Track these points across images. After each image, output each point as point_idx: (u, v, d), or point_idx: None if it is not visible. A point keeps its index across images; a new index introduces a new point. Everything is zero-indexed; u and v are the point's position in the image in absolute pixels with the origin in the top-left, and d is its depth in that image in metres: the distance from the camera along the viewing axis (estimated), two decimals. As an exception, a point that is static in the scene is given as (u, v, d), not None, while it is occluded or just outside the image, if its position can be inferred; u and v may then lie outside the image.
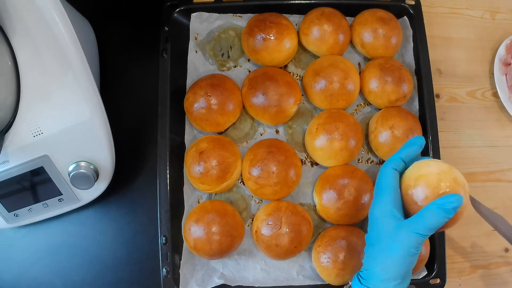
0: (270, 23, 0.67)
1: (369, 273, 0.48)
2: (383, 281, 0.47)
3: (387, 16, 0.70)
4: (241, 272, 0.66)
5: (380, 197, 0.48)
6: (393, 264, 0.46)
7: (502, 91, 0.76)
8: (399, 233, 0.46)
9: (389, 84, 0.67)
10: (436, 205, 0.44)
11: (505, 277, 0.72)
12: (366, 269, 0.49)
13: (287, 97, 0.65)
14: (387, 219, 0.47)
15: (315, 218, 0.68)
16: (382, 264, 0.47)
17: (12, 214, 0.63)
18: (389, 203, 0.47)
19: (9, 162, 0.57)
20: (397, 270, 0.46)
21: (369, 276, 0.48)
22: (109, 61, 0.72)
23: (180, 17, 0.70)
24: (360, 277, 0.50)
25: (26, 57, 0.53)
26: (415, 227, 0.45)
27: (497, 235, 0.72)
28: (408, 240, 0.45)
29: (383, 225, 0.47)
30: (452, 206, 0.43)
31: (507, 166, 0.76)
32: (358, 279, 0.50)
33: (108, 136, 0.59)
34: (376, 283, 0.47)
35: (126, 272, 0.67)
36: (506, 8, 0.82)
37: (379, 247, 0.48)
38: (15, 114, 0.55)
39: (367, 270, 0.49)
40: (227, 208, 0.64)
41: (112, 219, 0.69)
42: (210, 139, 0.66)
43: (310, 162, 0.70)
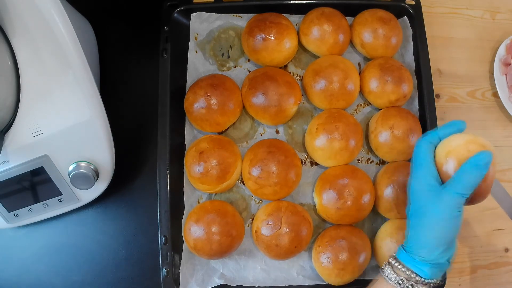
0: (270, 23, 0.67)
1: (414, 243, 0.49)
2: (427, 246, 0.48)
3: (387, 16, 0.70)
4: (241, 272, 0.66)
5: (418, 171, 0.50)
6: (438, 229, 0.47)
7: (502, 91, 0.76)
8: (440, 198, 0.47)
9: (389, 84, 0.67)
10: (468, 163, 0.46)
11: (505, 277, 0.72)
12: (411, 240, 0.50)
13: (287, 97, 0.65)
14: (427, 191, 0.48)
15: (315, 218, 0.68)
16: (427, 231, 0.48)
17: (12, 214, 0.63)
18: (428, 176, 0.49)
19: (9, 162, 0.57)
20: (442, 235, 0.48)
21: (414, 245, 0.49)
22: (109, 61, 0.72)
23: (180, 17, 0.70)
24: (405, 248, 0.50)
25: (26, 57, 0.53)
26: (454, 188, 0.46)
27: (497, 235, 0.73)
28: (449, 201, 0.46)
29: (424, 197, 0.49)
30: (483, 162, 0.46)
31: (507, 166, 0.76)
32: (403, 249, 0.51)
33: (108, 136, 0.59)
34: (422, 251, 0.48)
35: (126, 272, 0.67)
36: (506, 8, 0.82)
37: (422, 216, 0.49)
38: (15, 114, 0.55)
39: (412, 241, 0.50)
40: (227, 208, 0.64)
41: (112, 219, 0.69)
42: (210, 139, 0.66)
43: (310, 162, 0.70)
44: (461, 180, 0.46)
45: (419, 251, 0.48)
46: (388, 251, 0.63)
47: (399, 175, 0.64)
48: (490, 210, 0.73)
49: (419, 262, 0.48)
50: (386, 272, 0.50)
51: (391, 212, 0.65)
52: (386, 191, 0.65)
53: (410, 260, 0.49)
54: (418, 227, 0.49)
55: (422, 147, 0.51)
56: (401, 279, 0.48)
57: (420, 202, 0.49)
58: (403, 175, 0.64)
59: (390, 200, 0.64)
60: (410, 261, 0.49)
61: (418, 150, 0.51)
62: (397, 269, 0.49)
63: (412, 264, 0.49)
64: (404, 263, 0.49)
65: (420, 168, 0.50)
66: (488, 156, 0.46)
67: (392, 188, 0.64)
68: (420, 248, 0.49)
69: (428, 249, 0.48)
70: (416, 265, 0.48)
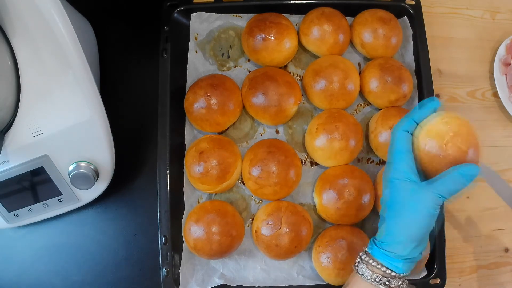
0: (270, 23, 0.67)
1: (388, 238, 0.48)
2: (402, 242, 0.47)
3: (387, 16, 0.70)
4: (241, 272, 0.66)
5: (395, 161, 0.49)
6: (413, 224, 0.47)
7: (502, 91, 0.76)
8: (420, 194, 0.47)
9: (389, 84, 0.67)
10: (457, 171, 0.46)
11: (505, 277, 0.72)
12: (384, 233, 0.49)
13: (287, 97, 0.65)
14: (404, 182, 0.48)
15: (315, 218, 0.68)
16: (402, 224, 0.47)
17: (12, 214, 0.63)
18: (405, 166, 0.48)
19: (9, 162, 0.57)
20: (416, 230, 0.47)
21: (388, 241, 0.48)
22: (109, 61, 0.72)
23: (180, 17, 0.70)
24: (376, 241, 0.50)
25: (26, 57, 0.53)
26: (438, 189, 0.46)
27: (497, 235, 0.73)
28: (429, 199, 0.46)
29: (401, 188, 0.48)
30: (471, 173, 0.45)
31: (507, 166, 0.76)
32: (375, 244, 0.50)
33: (108, 136, 0.59)
34: (394, 245, 0.48)
35: (126, 272, 0.67)
36: (506, 8, 0.82)
37: (398, 208, 0.48)
38: (15, 114, 0.55)
39: (384, 234, 0.49)
40: (227, 208, 0.64)
41: (112, 219, 0.69)
42: (210, 139, 0.66)
43: (310, 162, 0.70)
44: (446, 184, 0.46)
45: (393, 247, 0.48)
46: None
47: (399, 175, 0.64)
48: (490, 210, 0.73)
49: (392, 258, 0.48)
50: (361, 271, 0.49)
51: (391, 212, 0.65)
52: (386, 191, 0.65)
53: (383, 256, 0.48)
54: (394, 222, 0.48)
55: (398, 137, 0.49)
56: (377, 276, 0.48)
57: (396, 193, 0.48)
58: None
59: (390, 200, 0.64)
60: (383, 257, 0.48)
61: (395, 140, 0.50)
62: (372, 266, 0.48)
63: (386, 260, 0.48)
64: (378, 259, 0.48)
65: (399, 161, 0.49)
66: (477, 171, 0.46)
67: (392, 188, 0.64)
68: (394, 244, 0.48)
69: (402, 245, 0.47)
70: (390, 261, 0.48)
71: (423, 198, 0.46)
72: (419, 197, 0.47)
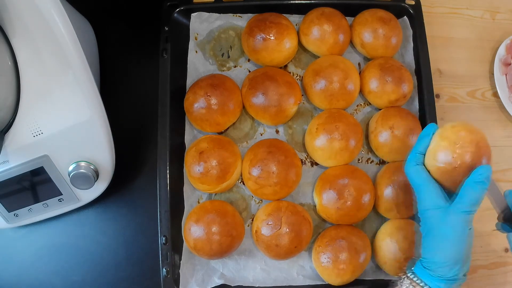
0: (270, 23, 0.67)
1: (431, 262, 0.50)
2: (447, 267, 0.48)
3: (387, 16, 0.70)
4: (241, 272, 0.66)
5: (420, 194, 0.51)
6: (452, 247, 0.48)
7: (502, 91, 0.76)
8: (448, 218, 0.48)
9: (389, 84, 0.67)
10: (469, 181, 0.48)
11: (505, 277, 0.72)
12: (427, 259, 0.50)
13: (287, 97, 0.65)
14: (433, 211, 0.49)
15: (315, 218, 0.68)
16: (441, 250, 0.49)
17: (12, 214, 0.63)
18: (429, 196, 0.50)
19: (9, 162, 0.57)
20: (456, 253, 0.48)
21: (431, 264, 0.50)
22: (109, 61, 0.72)
23: (180, 17, 0.70)
24: (423, 264, 0.51)
25: (26, 57, 0.53)
26: (460, 207, 0.48)
27: (497, 235, 0.73)
28: (458, 220, 0.48)
29: (430, 217, 0.50)
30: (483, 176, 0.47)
31: (507, 166, 0.76)
32: (421, 264, 0.51)
33: (108, 136, 0.59)
34: (440, 270, 0.49)
35: (126, 272, 0.67)
36: (506, 8, 0.82)
37: (433, 236, 0.50)
38: (15, 114, 0.55)
39: (428, 260, 0.50)
40: (227, 208, 0.64)
41: (112, 219, 0.69)
42: (210, 139, 0.66)
43: (310, 162, 0.70)
44: (465, 198, 0.48)
45: (438, 270, 0.49)
46: (388, 251, 0.63)
47: (399, 175, 0.64)
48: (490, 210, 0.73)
49: (436, 279, 0.49)
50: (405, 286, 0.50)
51: (391, 212, 0.65)
52: (386, 191, 0.65)
53: (428, 276, 0.49)
54: (431, 246, 0.50)
55: (411, 172, 0.52)
56: None
57: (429, 223, 0.50)
58: (403, 175, 0.64)
59: (390, 200, 0.64)
60: (428, 278, 0.49)
61: (410, 174, 0.52)
62: (416, 284, 0.50)
63: (430, 280, 0.49)
64: (422, 278, 0.50)
65: (421, 190, 0.51)
66: (488, 170, 0.47)
67: (392, 188, 0.64)
68: (438, 267, 0.49)
69: (446, 267, 0.48)
70: (434, 281, 0.49)
71: (453, 220, 0.48)
72: (449, 221, 0.48)
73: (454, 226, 0.48)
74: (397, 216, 0.65)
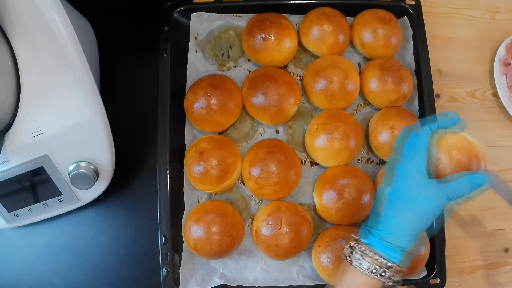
0: (270, 23, 0.67)
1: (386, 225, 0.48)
2: (401, 233, 0.47)
3: (387, 16, 0.70)
4: (241, 272, 0.66)
5: (414, 153, 0.49)
6: (417, 217, 0.47)
7: (502, 91, 0.76)
8: (429, 190, 0.47)
9: (389, 84, 0.67)
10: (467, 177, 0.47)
11: (505, 277, 0.72)
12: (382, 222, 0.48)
13: (287, 97, 0.65)
14: (416, 175, 0.48)
15: (315, 218, 0.68)
16: (405, 216, 0.47)
17: (12, 214, 0.63)
18: (422, 161, 0.48)
19: (9, 162, 0.57)
20: (417, 224, 0.47)
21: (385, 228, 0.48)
22: (109, 61, 0.72)
23: (180, 17, 0.70)
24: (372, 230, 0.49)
25: (26, 57, 0.53)
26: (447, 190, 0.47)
27: (497, 235, 0.73)
28: (437, 198, 0.47)
29: (412, 180, 0.48)
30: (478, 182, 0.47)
31: (507, 166, 0.76)
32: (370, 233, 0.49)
33: (108, 136, 0.59)
34: (393, 236, 0.47)
35: (126, 272, 0.67)
36: (506, 8, 0.82)
37: (404, 199, 0.48)
38: (15, 114, 0.55)
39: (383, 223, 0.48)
40: (227, 208, 0.64)
41: (112, 219, 0.69)
42: (210, 139, 0.66)
43: (310, 162, 0.70)
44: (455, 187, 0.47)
45: (392, 237, 0.47)
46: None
47: (399, 175, 0.64)
48: (490, 210, 0.73)
49: (389, 248, 0.47)
50: (357, 261, 0.47)
51: (391, 212, 0.65)
52: (386, 191, 0.65)
53: (380, 245, 0.47)
54: (397, 213, 0.48)
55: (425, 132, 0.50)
56: (374, 267, 0.47)
57: (407, 184, 0.48)
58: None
59: (390, 200, 0.64)
60: (381, 247, 0.47)
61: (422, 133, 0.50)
62: (368, 256, 0.47)
63: (383, 249, 0.47)
64: (375, 248, 0.47)
65: (416, 151, 0.49)
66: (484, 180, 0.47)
67: (392, 188, 0.64)
68: (394, 234, 0.47)
69: (402, 236, 0.47)
70: (388, 251, 0.47)
71: (432, 194, 0.47)
72: (428, 193, 0.47)
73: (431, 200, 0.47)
74: (397, 216, 0.65)
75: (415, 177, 0.48)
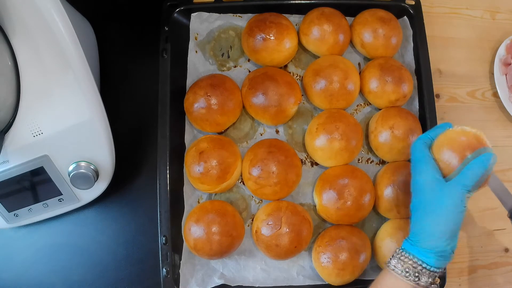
0: (270, 23, 0.67)
1: (419, 234, 0.51)
2: (436, 238, 0.50)
3: (387, 16, 0.70)
4: (241, 272, 0.66)
5: (420, 167, 0.53)
6: (444, 219, 0.50)
7: (502, 91, 0.76)
8: (447, 190, 0.50)
9: (389, 84, 0.67)
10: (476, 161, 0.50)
11: (505, 277, 0.72)
12: (417, 232, 0.51)
13: (287, 97, 0.65)
14: (431, 183, 0.51)
15: (315, 218, 0.68)
16: (433, 221, 0.50)
17: (12, 214, 0.63)
18: (430, 169, 0.52)
19: (9, 162, 0.57)
20: (447, 225, 0.50)
21: (420, 237, 0.51)
22: (109, 61, 0.72)
23: (180, 17, 0.70)
24: (410, 241, 0.52)
25: (26, 57, 0.53)
26: (462, 182, 0.50)
27: (497, 235, 0.73)
28: (456, 193, 0.49)
29: (429, 189, 0.51)
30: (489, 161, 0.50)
31: (507, 166, 0.76)
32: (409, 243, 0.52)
33: (108, 136, 0.59)
34: (428, 242, 0.50)
35: (126, 272, 0.67)
36: (506, 8, 0.82)
37: (428, 208, 0.51)
38: (15, 114, 0.55)
39: (417, 233, 0.51)
40: (227, 208, 0.64)
41: (112, 219, 0.69)
42: (210, 139, 0.66)
43: (310, 162, 0.70)
44: (468, 175, 0.49)
45: (425, 242, 0.50)
46: (388, 251, 0.63)
47: (399, 175, 0.64)
48: (490, 210, 0.73)
49: (424, 252, 0.50)
50: (393, 263, 0.51)
51: (391, 212, 0.65)
52: (386, 191, 0.65)
53: (415, 250, 0.50)
54: (424, 219, 0.51)
55: (418, 146, 0.54)
56: (407, 267, 0.50)
57: (425, 194, 0.51)
58: (403, 175, 0.64)
59: (390, 200, 0.64)
60: (416, 251, 0.50)
61: (415, 149, 0.55)
62: (403, 259, 0.51)
63: (418, 253, 0.50)
64: (410, 253, 0.51)
65: (421, 163, 0.53)
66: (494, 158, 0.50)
67: (392, 188, 0.64)
68: (426, 239, 0.50)
69: (434, 239, 0.50)
70: (422, 254, 0.50)
71: (451, 193, 0.50)
72: (447, 193, 0.50)
73: (451, 197, 0.49)
74: (397, 216, 0.65)
75: (430, 186, 0.51)
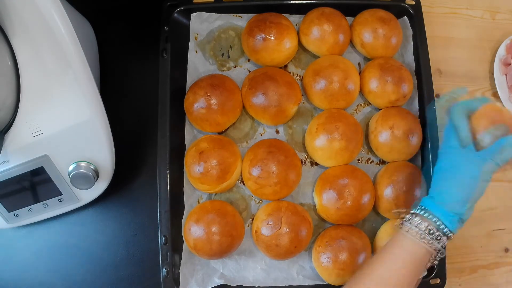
0: (270, 23, 0.67)
1: (444, 193, 0.50)
2: (459, 202, 0.49)
3: (387, 16, 0.70)
4: (241, 272, 0.66)
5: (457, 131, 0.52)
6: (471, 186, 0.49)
7: (502, 91, 0.76)
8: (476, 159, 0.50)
9: (389, 84, 0.67)
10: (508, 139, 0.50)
11: (505, 277, 0.72)
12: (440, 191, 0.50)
13: (287, 97, 0.65)
14: (463, 149, 0.51)
15: (315, 218, 0.68)
16: (460, 184, 0.50)
17: (12, 214, 0.63)
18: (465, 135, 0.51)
19: (9, 162, 0.57)
20: (472, 193, 0.49)
21: (444, 196, 0.50)
22: (109, 61, 0.72)
23: (180, 17, 0.70)
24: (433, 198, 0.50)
25: (26, 57, 0.53)
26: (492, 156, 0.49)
27: (497, 235, 0.73)
28: (485, 165, 0.49)
29: (460, 153, 0.51)
30: None
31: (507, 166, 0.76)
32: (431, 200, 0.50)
33: (108, 136, 0.59)
34: (451, 203, 0.49)
35: (126, 272, 0.67)
36: (506, 8, 0.82)
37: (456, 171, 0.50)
38: (15, 114, 0.55)
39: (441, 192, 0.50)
40: (227, 208, 0.64)
41: (112, 219, 0.69)
42: (210, 139, 0.66)
43: (310, 162, 0.70)
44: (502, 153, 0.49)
45: (450, 204, 0.49)
46: (388, 251, 0.63)
47: (399, 175, 0.65)
48: (490, 210, 0.73)
49: (449, 213, 0.48)
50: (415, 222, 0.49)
51: (391, 212, 0.65)
52: (386, 191, 0.65)
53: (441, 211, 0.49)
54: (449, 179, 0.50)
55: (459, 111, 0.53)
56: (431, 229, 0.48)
57: (454, 158, 0.51)
58: (403, 175, 0.64)
59: (390, 200, 0.64)
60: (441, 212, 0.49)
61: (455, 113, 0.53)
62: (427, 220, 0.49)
63: (442, 213, 0.49)
64: (433, 212, 0.49)
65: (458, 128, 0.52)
66: None
67: (392, 188, 0.64)
68: (450, 199, 0.49)
69: (457, 201, 0.49)
70: (446, 216, 0.48)
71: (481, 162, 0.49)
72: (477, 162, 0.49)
73: (481, 168, 0.49)
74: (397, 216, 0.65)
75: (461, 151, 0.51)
